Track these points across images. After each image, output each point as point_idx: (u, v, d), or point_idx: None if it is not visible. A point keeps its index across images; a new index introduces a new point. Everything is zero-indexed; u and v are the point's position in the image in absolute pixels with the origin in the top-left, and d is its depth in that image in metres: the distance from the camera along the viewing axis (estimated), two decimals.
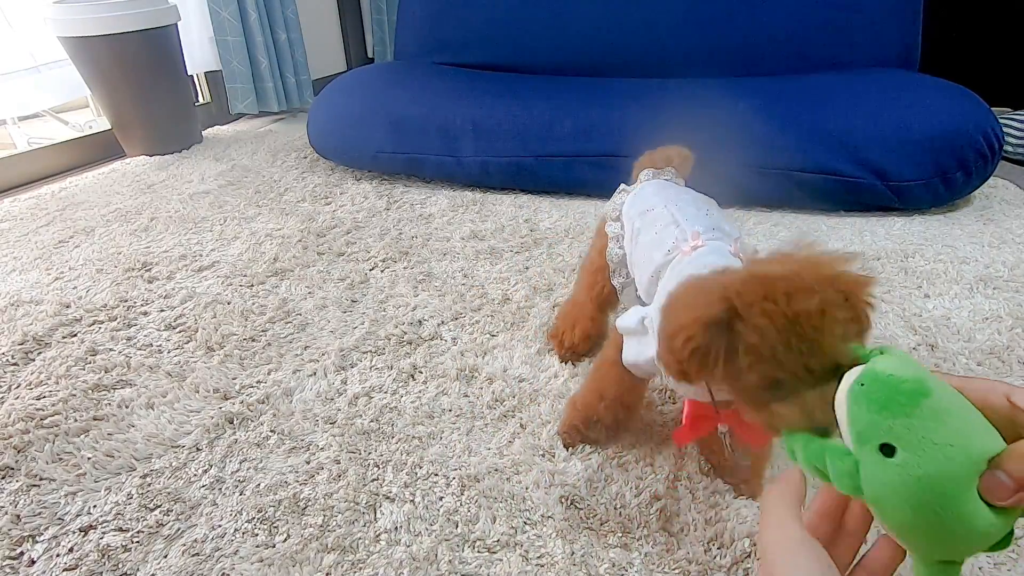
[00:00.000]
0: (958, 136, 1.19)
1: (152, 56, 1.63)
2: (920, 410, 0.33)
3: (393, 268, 1.10)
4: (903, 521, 0.33)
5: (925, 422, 0.32)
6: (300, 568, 0.57)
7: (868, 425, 0.34)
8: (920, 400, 0.33)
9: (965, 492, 0.31)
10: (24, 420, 0.74)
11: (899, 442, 0.33)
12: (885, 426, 0.33)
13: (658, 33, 1.64)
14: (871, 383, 0.35)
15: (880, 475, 0.33)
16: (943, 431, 0.32)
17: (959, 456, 0.31)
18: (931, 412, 0.33)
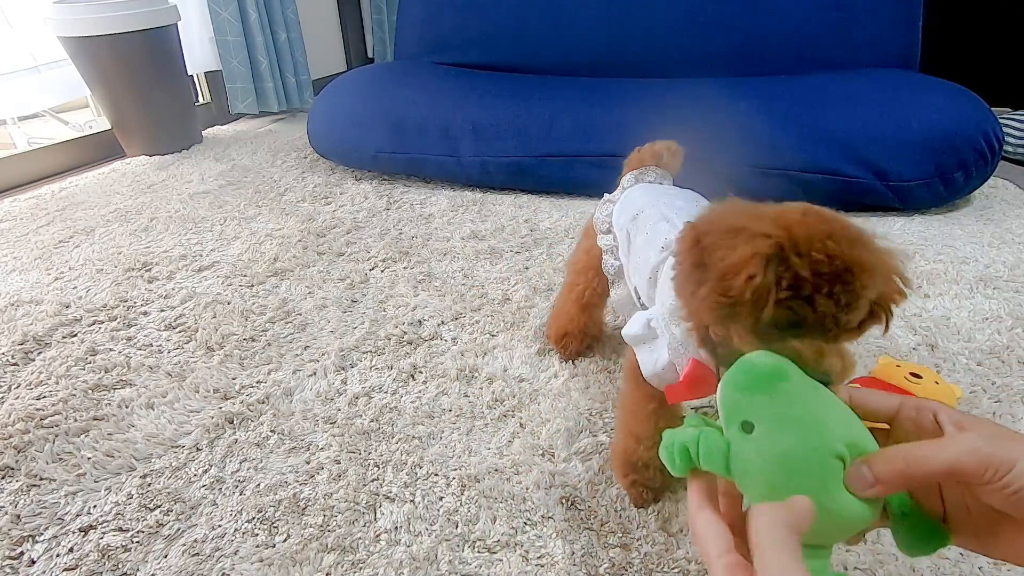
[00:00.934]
0: (958, 136, 1.19)
1: (152, 56, 1.63)
2: (777, 391, 0.35)
3: (393, 268, 1.10)
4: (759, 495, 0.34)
5: (780, 400, 0.35)
6: (300, 568, 0.57)
7: (732, 405, 0.36)
8: (777, 383, 0.35)
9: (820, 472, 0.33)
10: (24, 420, 0.74)
11: (756, 419, 0.35)
12: (745, 404, 0.36)
13: (658, 33, 1.64)
14: (737, 368, 0.37)
15: (740, 451, 0.35)
16: (796, 411, 0.34)
17: (811, 435, 0.33)
18: (787, 394, 0.35)
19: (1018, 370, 0.80)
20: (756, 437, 0.34)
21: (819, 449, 0.33)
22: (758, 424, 0.35)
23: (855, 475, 0.32)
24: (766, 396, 0.35)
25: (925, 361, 0.82)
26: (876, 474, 0.32)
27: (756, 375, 0.36)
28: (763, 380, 0.36)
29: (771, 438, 0.34)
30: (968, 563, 0.55)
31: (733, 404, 0.36)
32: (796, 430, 0.34)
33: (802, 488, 0.32)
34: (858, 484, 0.32)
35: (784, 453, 0.33)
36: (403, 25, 1.87)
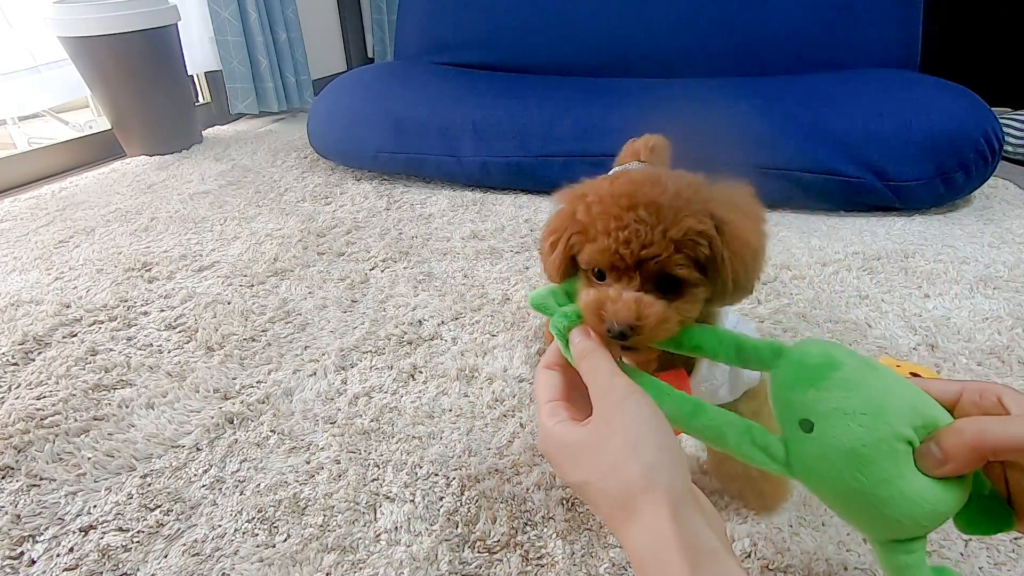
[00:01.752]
0: (958, 136, 1.19)
1: (152, 56, 1.63)
2: (830, 382, 0.33)
3: (393, 268, 1.10)
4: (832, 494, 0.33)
5: (835, 393, 0.33)
6: (300, 568, 0.57)
7: (784, 405, 0.34)
8: (829, 373, 0.33)
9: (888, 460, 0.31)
10: (24, 420, 0.74)
11: (813, 416, 0.33)
12: (799, 402, 0.34)
13: (658, 33, 1.64)
14: (782, 366, 0.35)
15: (801, 452, 0.33)
16: (854, 401, 0.32)
17: (874, 424, 0.31)
18: (842, 383, 0.33)
19: (1018, 370, 0.81)
20: (817, 436, 0.32)
21: (885, 438, 0.31)
22: (817, 421, 0.33)
23: (925, 454, 0.31)
24: (820, 391, 0.33)
25: (925, 361, 0.82)
26: (945, 450, 0.30)
27: (804, 369, 0.34)
28: (812, 373, 0.34)
29: (833, 434, 0.32)
30: (968, 563, 0.55)
31: (786, 403, 0.34)
32: (858, 423, 0.32)
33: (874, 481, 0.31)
34: (929, 464, 0.30)
35: (850, 449, 0.31)
36: (403, 25, 1.88)
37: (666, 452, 0.32)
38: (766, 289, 1.00)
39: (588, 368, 0.37)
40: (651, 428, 0.33)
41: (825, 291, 1.00)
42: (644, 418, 0.33)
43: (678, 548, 0.28)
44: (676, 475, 0.31)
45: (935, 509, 0.31)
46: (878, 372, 0.33)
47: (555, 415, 0.36)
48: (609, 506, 0.32)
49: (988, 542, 0.57)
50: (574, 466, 0.34)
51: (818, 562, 0.56)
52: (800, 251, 1.13)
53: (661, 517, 0.29)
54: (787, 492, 0.60)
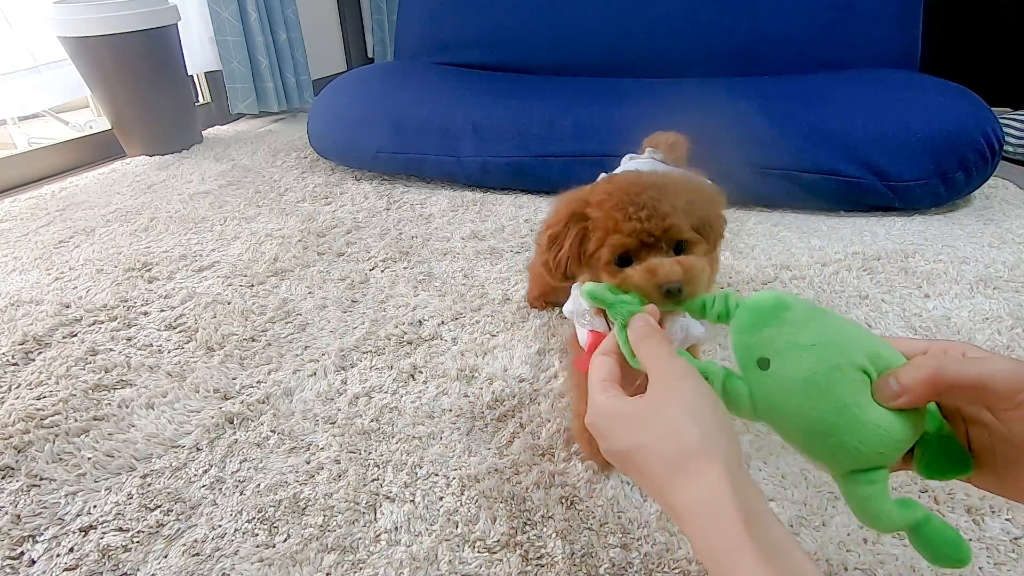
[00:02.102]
0: (958, 136, 1.19)
1: (152, 56, 1.63)
2: (782, 320, 0.35)
3: (393, 268, 1.10)
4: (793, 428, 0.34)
5: (788, 329, 0.34)
6: (300, 568, 0.57)
7: (742, 347, 0.36)
8: (781, 312, 0.35)
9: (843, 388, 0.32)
10: (24, 420, 0.74)
11: (769, 353, 0.34)
12: (754, 342, 0.35)
13: (658, 33, 1.64)
14: (739, 311, 0.37)
15: (761, 390, 0.34)
16: (806, 334, 0.34)
17: (826, 354, 0.33)
18: (793, 321, 0.35)
19: None
20: (774, 371, 0.34)
21: (840, 366, 0.32)
22: (773, 358, 0.34)
23: (882, 385, 0.32)
24: (773, 328, 0.35)
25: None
26: (903, 383, 0.31)
27: (758, 311, 0.36)
28: (766, 314, 0.36)
29: (788, 367, 0.33)
30: None
31: (744, 346, 0.36)
32: (811, 353, 0.33)
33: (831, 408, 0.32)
34: (886, 394, 0.32)
35: (805, 378, 0.33)
36: (403, 25, 1.88)
37: (723, 424, 0.33)
38: (766, 289, 1.00)
39: (649, 349, 0.39)
40: (710, 402, 0.34)
41: (825, 291, 1.00)
42: (703, 392, 0.34)
43: (733, 503, 0.29)
44: (732, 446, 0.32)
45: (893, 437, 0.31)
46: (829, 313, 0.35)
47: (608, 391, 0.38)
48: (663, 466, 0.33)
49: (988, 542, 0.57)
50: (627, 433, 0.35)
51: (818, 562, 0.56)
52: (800, 251, 1.13)
53: (718, 475, 0.31)
54: None
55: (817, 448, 0.33)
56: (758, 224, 1.25)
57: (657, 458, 0.33)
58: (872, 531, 0.58)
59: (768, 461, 0.66)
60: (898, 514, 0.32)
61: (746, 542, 0.28)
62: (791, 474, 0.65)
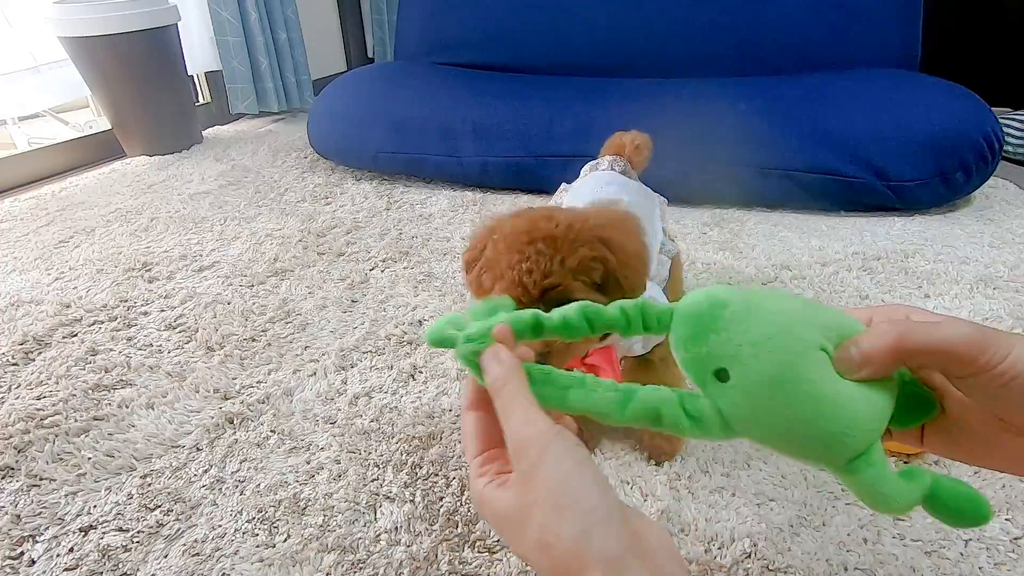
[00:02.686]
0: (958, 136, 1.19)
1: (152, 56, 1.63)
2: (724, 322, 0.31)
3: (393, 268, 1.10)
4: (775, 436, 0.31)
5: (733, 329, 0.31)
6: (300, 568, 0.57)
7: (693, 363, 0.32)
8: (719, 313, 0.31)
9: (811, 375, 0.29)
10: (24, 420, 0.74)
11: (723, 361, 0.31)
12: (704, 354, 0.31)
13: (658, 33, 1.64)
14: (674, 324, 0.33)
15: (729, 405, 0.31)
16: (753, 330, 0.30)
17: (782, 345, 0.30)
18: (735, 319, 0.31)
19: None
20: (735, 381, 0.30)
21: (801, 352, 0.29)
22: (729, 366, 0.31)
23: (843, 357, 0.30)
24: (719, 334, 0.31)
25: None
26: (864, 353, 0.29)
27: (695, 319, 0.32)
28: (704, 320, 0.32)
29: (749, 372, 0.30)
30: (968, 563, 0.55)
31: (693, 362, 0.32)
32: (766, 349, 0.30)
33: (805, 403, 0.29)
34: (848, 366, 0.29)
35: (770, 380, 0.30)
36: (403, 25, 1.87)
37: (594, 512, 0.28)
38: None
39: (502, 410, 0.32)
40: (574, 488, 0.29)
41: (825, 291, 1.00)
42: (565, 475, 0.29)
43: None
44: (609, 537, 0.28)
45: (873, 407, 0.30)
46: (768, 296, 0.32)
47: (483, 475, 0.33)
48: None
49: (988, 542, 0.57)
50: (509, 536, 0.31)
51: (818, 562, 0.56)
52: (800, 251, 1.13)
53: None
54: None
55: (806, 449, 0.31)
56: (758, 224, 1.25)
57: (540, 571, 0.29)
58: (872, 531, 0.58)
59: (768, 461, 0.66)
60: (908, 489, 0.30)
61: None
62: (791, 474, 0.65)
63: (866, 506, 0.31)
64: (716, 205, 1.33)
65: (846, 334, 0.30)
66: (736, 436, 0.32)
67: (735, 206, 1.32)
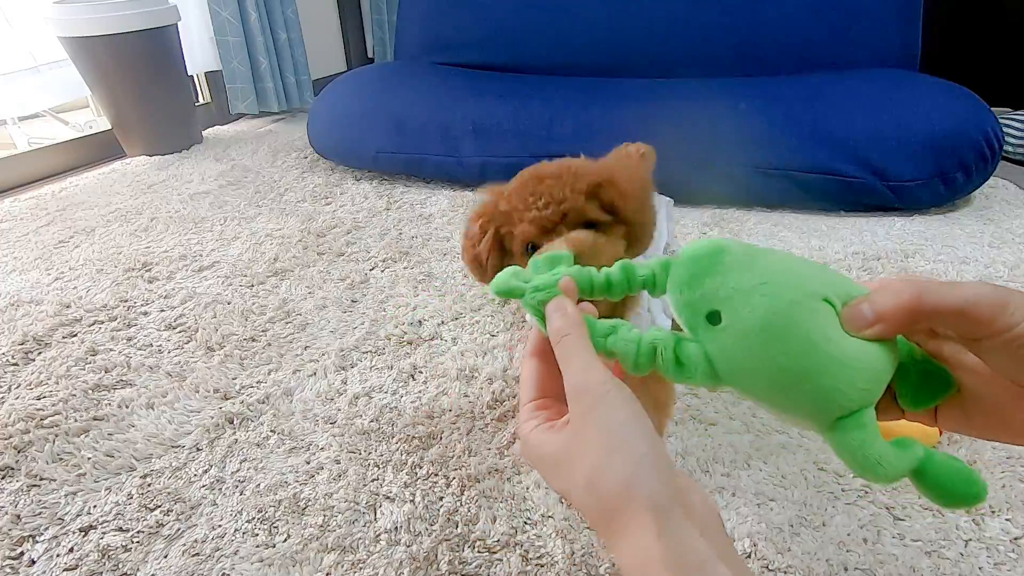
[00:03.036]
0: (958, 136, 1.19)
1: (152, 56, 1.63)
2: (723, 267, 0.31)
3: (393, 268, 1.10)
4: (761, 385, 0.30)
5: (731, 274, 0.30)
6: (300, 568, 0.57)
7: (686, 306, 0.32)
8: (720, 258, 0.31)
9: (807, 325, 0.28)
10: (24, 420, 0.74)
11: (716, 304, 0.30)
12: (697, 296, 0.31)
13: (658, 33, 1.64)
14: (673, 268, 0.33)
15: (718, 349, 0.30)
16: (752, 274, 0.30)
17: (779, 292, 0.29)
18: (735, 264, 0.31)
19: None
20: (726, 324, 0.30)
21: (798, 300, 0.28)
22: (722, 309, 0.30)
23: (853, 312, 0.29)
24: (716, 277, 0.30)
25: None
26: (879, 310, 0.28)
27: (694, 263, 0.32)
28: (703, 264, 0.31)
29: (741, 315, 0.29)
30: (968, 563, 0.55)
31: (687, 305, 0.31)
32: (762, 293, 0.29)
33: (797, 350, 0.28)
34: (858, 322, 0.28)
35: (762, 324, 0.28)
36: (403, 25, 1.87)
37: (645, 459, 0.29)
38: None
39: (563, 357, 0.34)
40: (627, 434, 0.30)
41: None
42: (619, 422, 0.30)
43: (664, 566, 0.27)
44: (657, 484, 0.28)
45: (871, 367, 0.28)
46: (774, 251, 0.32)
47: (533, 419, 0.35)
48: (593, 520, 0.30)
49: (988, 542, 0.57)
50: (554, 476, 0.32)
51: (818, 562, 0.56)
52: (800, 251, 1.13)
53: (645, 534, 0.27)
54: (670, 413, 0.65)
55: (793, 402, 0.29)
56: (758, 224, 1.25)
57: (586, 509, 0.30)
58: (872, 531, 0.58)
59: (768, 461, 0.66)
60: (897, 456, 0.28)
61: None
62: (791, 474, 0.65)
63: (852, 471, 0.29)
64: (716, 205, 1.33)
65: (854, 293, 0.29)
66: (721, 384, 0.31)
67: (735, 206, 1.32)
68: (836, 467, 0.65)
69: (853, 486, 0.63)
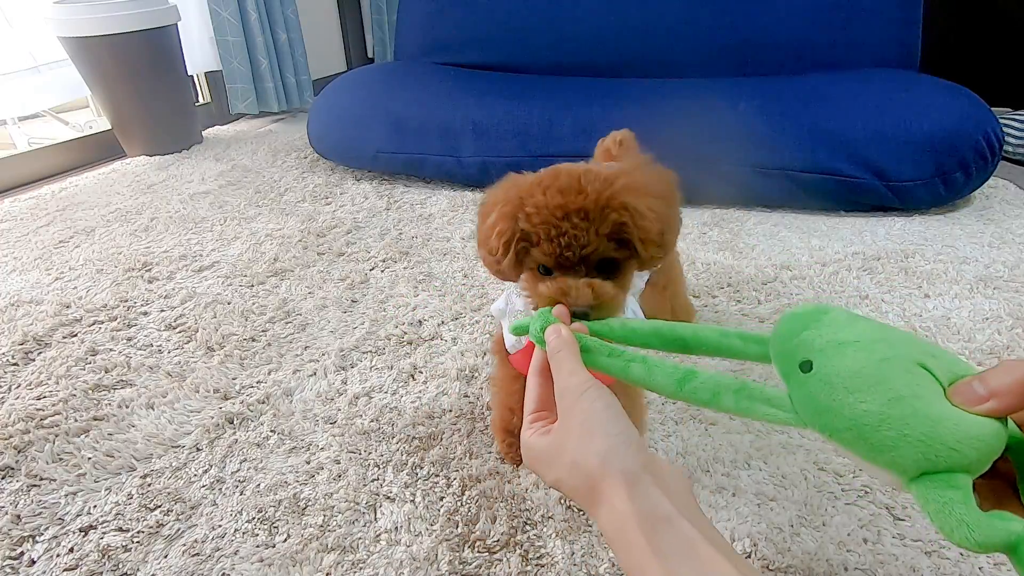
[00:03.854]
0: (958, 136, 1.19)
1: (152, 56, 1.63)
2: (822, 323, 0.34)
3: (393, 268, 1.10)
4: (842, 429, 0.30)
5: (828, 329, 0.33)
6: (300, 568, 0.57)
7: (783, 357, 0.34)
8: (821, 316, 0.34)
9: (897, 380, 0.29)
10: (24, 420, 0.74)
11: (811, 354, 0.33)
12: (794, 347, 0.34)
13: (658, 33, 1.64)
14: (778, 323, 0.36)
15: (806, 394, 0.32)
16: (849, 331, 0.32)
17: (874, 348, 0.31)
18: (834, 322, 0.33)
19: None
20: (817, 371, 0.31)
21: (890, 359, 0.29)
22: (815, 358, 0.32)
23: (964, 389, 0.29)
24: (813, 330, 0.33)
25: None
26: (991, 386, 0.28)
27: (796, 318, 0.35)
28: (805, 319, 0.34)
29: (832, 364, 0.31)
30: (968, 563, 0.55)
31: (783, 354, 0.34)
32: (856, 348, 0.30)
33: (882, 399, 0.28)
34: (969, 397, 0.28)
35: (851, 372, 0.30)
36: (403, 25, 1.87)
37: (617, 437, 0.35)
38: (766, 289, 1.00)
39: (555, 368, 0.41)
40: (602, 419, 0.36)
41: (825, 291, 1.00)
42: (595, 411, 0.37)
43: (636, 522, 0.32)
44: (628, 456, 0.34)
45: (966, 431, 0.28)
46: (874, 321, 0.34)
47: (531, 427, 0.41)
48: (580, 498, 0.36)
49: None
50: (547, 469, 0.38)
51: (818, 562, 0.56)
52: (800, 251, 1.13)
53: (619, 498, 0.33)
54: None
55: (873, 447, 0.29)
56: (758, 224, 1.25)
57: (573, 491, 0.36)
58: (872, 531, 0.58)
59: (768, 461, 0.66)
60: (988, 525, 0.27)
61: (650, 560, 0.31)
62: (791, 474, 0.65)
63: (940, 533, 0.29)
64: (716, 205, 1.33)
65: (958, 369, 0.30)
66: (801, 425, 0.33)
67: (735, 206, 1.32)
68: (836, 467, 0.65)
69: (853, 486, 0.63)
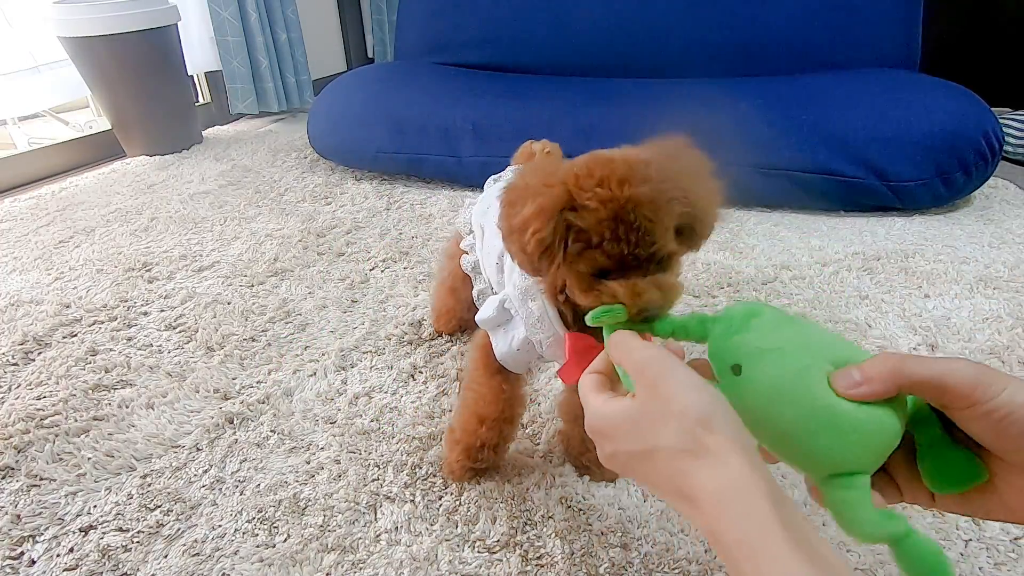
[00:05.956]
0: (958, 136, 1.19)
1: (152, 56, 1.63)
2: (751, 327, 0.36)
3: (393, 268, 1.10)
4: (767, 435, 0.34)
5: (755, 334, 0.36)
6: (300, 568, 0.57)
7: (717, 355, 0.37)
8: (751, 320, 0.37)
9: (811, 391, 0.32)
10: (24, 420, 0.74)
11: (740, 358, 0.35)
12: (726, 348, 0.36)
13: (658, 33, 1.64)
14: (715, 323, 0.39)
15: (737, 397, 0.34)
16: (773, 338, 0.35)
17: (791, 357, 0.34)
18: (762, 326, 0.36)
19: (1018, 370, 0.80)
20: (745, 377, 0.35)
21: (807, 368, 0.33)
22: (743, 363, 0.35)
23: (843, 374, 0.32)
24: (744, 335, 0.36)
25: None
26: (864, 372, 0.31)
27: (730, 320, 0.37)
28: (737, 322, 0.37)
29: (756, 374, 0.34)
30: (968, 563, 0.55)
31: (717, 353, 0.37)
32: (776, 357, 0.34)
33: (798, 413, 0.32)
34: (846, 382, 0.32)
35: (771, 384, 0.33)
36: (403, 25, 1.88)
37: (721, 403, 0.32)
38: (766, 289, 1.00)
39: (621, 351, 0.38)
40: (700, 384, 0.33)
41: (825, 291, 1.00)
42: (690, 376, 0.34)
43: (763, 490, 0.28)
44: (737, 425, 0.32)
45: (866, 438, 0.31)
46: (801, 321, 0.37)
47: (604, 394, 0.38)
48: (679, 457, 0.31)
49: (988, 542, 0.57)
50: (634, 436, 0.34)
51: None
52: (800, 251, 1.13)
53: (739, 459, 0.30)
54: None
55: (791, 454, 0.33)
56: (758, 224, 1.25)
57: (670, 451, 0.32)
58: None
59: None
60: (878, 523, 0.31)
61: (776, 527, 0.27)
62: (791, 474, 0.65)
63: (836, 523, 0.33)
64: None
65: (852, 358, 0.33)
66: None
67: (735, 206, 1.32)
68: None
69: None
